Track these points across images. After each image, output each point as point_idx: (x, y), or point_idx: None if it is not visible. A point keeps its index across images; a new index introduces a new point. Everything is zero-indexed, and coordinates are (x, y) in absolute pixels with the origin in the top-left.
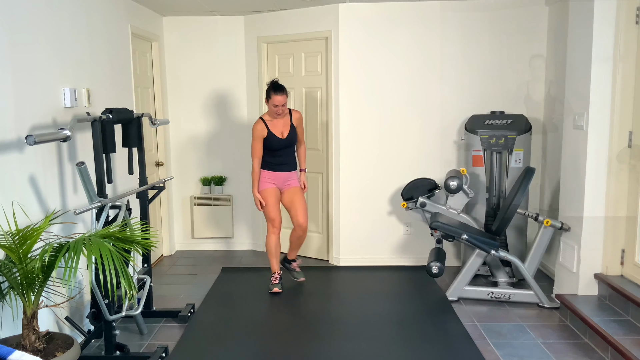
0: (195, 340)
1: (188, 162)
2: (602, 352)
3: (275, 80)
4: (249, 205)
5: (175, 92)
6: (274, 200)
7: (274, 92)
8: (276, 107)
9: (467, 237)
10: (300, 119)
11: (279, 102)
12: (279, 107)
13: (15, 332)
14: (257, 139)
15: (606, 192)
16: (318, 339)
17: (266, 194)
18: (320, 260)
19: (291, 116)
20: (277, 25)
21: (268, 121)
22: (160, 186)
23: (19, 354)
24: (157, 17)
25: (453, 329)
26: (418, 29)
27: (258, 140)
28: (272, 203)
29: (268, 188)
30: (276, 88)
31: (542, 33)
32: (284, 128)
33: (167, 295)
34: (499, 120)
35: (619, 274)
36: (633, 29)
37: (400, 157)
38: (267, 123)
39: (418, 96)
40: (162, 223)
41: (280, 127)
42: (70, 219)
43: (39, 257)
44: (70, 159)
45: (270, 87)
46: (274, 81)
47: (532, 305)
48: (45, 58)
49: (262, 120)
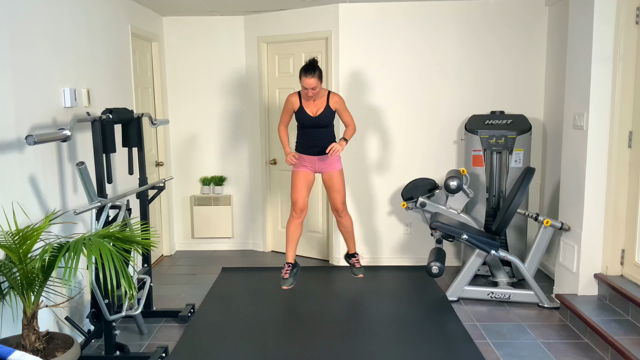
0: (195, 340)
1: (188, 162)
2: (602, 352)
3: (313, 60)
4: (249, 205)
5: (175, 92)
6: (301, 184)
7: (304, 74)
8: (306, 89)
9: (467, 237)
10: (338, 103)
11: (308, 84)
12: (309, 90)
13: (15, 332)
14: (286, 110)
15: (606, 192)
16: (318, 339)
17: (295, 175)
18: (320, 260)
19: (328, 99)
20: (277, 25)
21: (303, 97)
22: (160, 186)
23: (19, 354)
24: (157, 17)
25: (453, 329)
26: (418, 29)
27: (286, 112)
28: (298, 185)
29: (300, 170)
30: (306, 69)
31: (542, 33)
32: (317, 107)
33: (167, 295)
34: (499, 120)
35: (619, 274)
36: (633, 29)
37: (400, 157)
38: (302, 97)
39: (418, 96)
40: (162, 223)
41: (313, 105)
42: (70, 219)
43: (39, 257)
44: (70, 159)
45: (302, 67)
46: (309, 61)
47: (532, 305)
48: (45, 58)
49: (297, 94)
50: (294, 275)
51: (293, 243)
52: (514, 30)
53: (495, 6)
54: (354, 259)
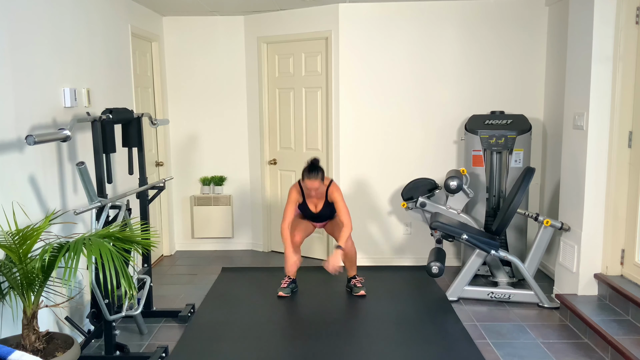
0: (195, 340)
1: (188, 162)
2: (602, 352)
3: (314, 160)
4: (249, 205)
5: (175, 92)
6: (303, 228)
7: (307, 176)
8: (309, 190)
9: (467, 237)
10: (334, 194)
11: (311, 187)
12: (312, 191)
13: (15, 332)
14: (290, 202)
15: (606, 192)
16: (318, 339)
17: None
18: (320, 260)
19: (327, 192)
20: (277, 25)
21: (306, 193)
22: (160, 186)
23: (19, 354)
24: (157, 17)
25: (453, 329)
26: (418, 29)
27: (292, 204)
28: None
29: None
30: (310, 171)
31: (542, 33)
32: (318, 202)
33: (167, 295)
34: (499, 120)
35: (619, 274)
36: (633, 29)
37: (400, 157)
38: (304, 191)
39: (418, 96)
40: (162, 223)
41: (314, 200)
42: (70, 219)
43: (39, 257)
44: (70, 159)
45: (305, 168)
46: (311, 162)
47: (532, 305)
48: (45, 58)
49: (299, 187)
50: (291, 288)
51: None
52: (514, 30)
53: (495, 6)
54: (354, 280)
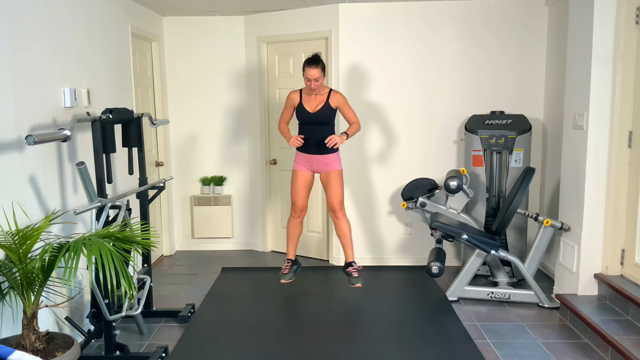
0: (195, 340)
1: (188, 162)
2: (602, 352)
3: (317, 53)
4: (249, 205)
5: (175, 92)
6: (300, 184)
7: (308, 64)
8: (309, 81)
9: (467, 237)
10: (339, 100)
11: (311, 75)
12: (312, 82)
13: (15, 332)
14: (287, 107)
15: (606, 192)
16: (318, 339)
17: (294, 176)
18: (320, 260)
19: (329, 96)
20: (277, 25)
21: (304, 93)
22: (160, 186)
23: (19, 354)
24: (157, 17)
25: (453, 329)
26: (418, 29)
27: (287, 108)
28: (297, 186)
29: (298, 170)
30: (310, 61)
31: (542, 33)
32: (317, 103)
33: (167, 295)
34: (499, 120)
35: (619, 274)
36: (633, 29)
37: (400, 157)
38: (302, 94)
39: (418, 96)
40: (162, 223)
41: (313, 102)
42: (70, 219)
43: (39, 257)
44: (70, 159)
45: (306, 59)
46: (313, 54)
47: (532, 305)
48: (45, 58)
49: (298, 91)
50: (294, 272)
51: (293, 241)
52: (514, 30)
53: (495, 6)
54: (351, 268)
